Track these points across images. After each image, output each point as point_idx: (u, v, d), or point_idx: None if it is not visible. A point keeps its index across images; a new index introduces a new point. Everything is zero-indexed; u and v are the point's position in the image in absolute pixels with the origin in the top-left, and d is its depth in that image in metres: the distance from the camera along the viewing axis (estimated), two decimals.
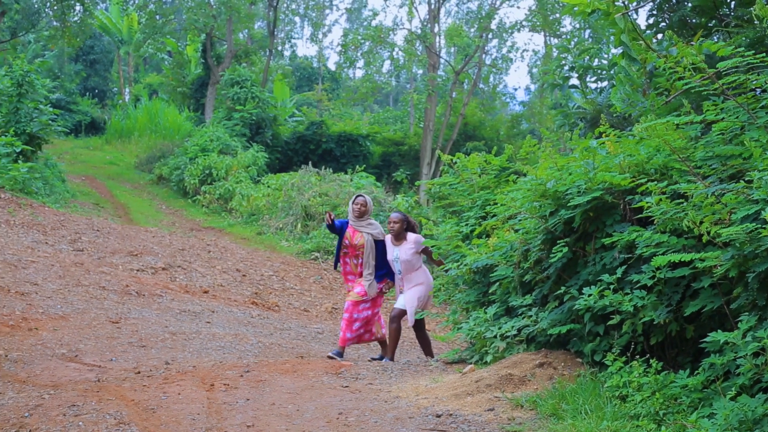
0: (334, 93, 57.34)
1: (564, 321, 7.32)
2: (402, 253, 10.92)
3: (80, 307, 11.68)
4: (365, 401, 7.28)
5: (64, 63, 55.96)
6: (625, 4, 8.62)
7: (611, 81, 16.55)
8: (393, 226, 11.01)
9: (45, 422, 6.55)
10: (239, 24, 41.29)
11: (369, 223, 11.30)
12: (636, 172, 7.13)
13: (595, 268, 7.13)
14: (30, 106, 23.62)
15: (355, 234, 11.19)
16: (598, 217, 7.29)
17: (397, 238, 11.01)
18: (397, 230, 10.96)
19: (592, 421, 5.90)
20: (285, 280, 17.55)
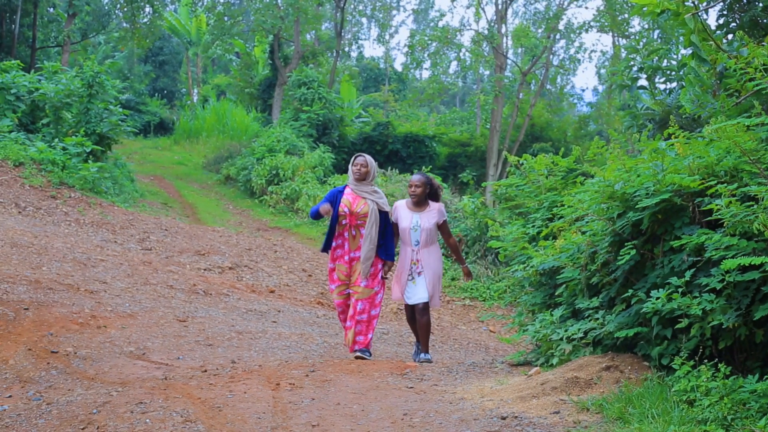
0: (400, 94, 57.33)
1: (631, 324, 7.25)
2: (424, 220, 10.00)
3: (148, 306, 11.79)
4: (430, 402, 7.26)
5: (133, 64, 56.60)
6: (695, 4, 8.52)
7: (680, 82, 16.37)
8: (415, 189, 9.99)
9: (113, 419, 6.61)
10: (307, 25, 41.45)
11: (374, 190, 10.11)
12: (705, 174, 7.04)
13: (663, 271, 7.05)
14: (100, 106, 23.88)
15: (357, 200, 9.94)
16: (666, 219, 7.21)
17: (418, 204, 10.04)
18: (419, 195, 9.99)
19: (659, 425, 5.83)
20: None
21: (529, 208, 11.04)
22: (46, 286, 11.36)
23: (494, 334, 14.71)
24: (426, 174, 10.33)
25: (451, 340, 13.51)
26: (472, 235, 18.99)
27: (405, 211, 10.15)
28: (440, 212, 10.10)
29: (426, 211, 10.05)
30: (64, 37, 41.61)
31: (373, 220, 9.92)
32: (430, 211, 10.07)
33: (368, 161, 10.12)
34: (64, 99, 23.69)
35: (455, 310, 16.60)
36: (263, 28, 39.53)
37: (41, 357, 8.81)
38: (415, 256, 10.07)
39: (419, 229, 10.01)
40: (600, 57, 56.00)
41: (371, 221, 9.91)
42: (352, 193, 10.03)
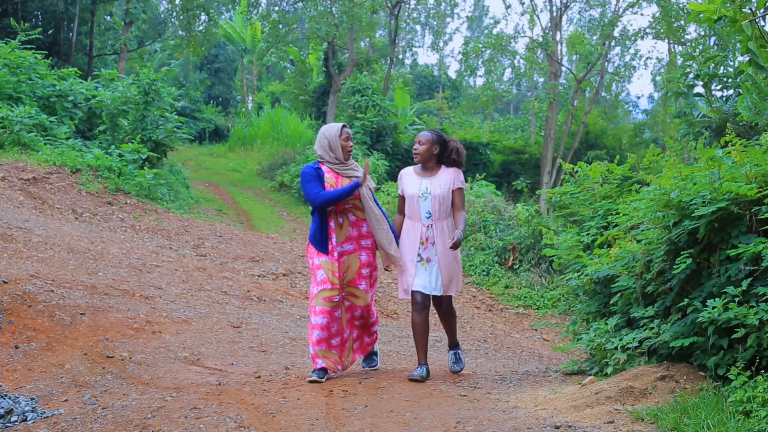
0: (454, 101, 57.27)
1: (687, 334, 7.18)
2: (435, 186, 8.49)
3: (202, 312, 11.86)
4: (483, 411, 7.24)
5: (189, 72, 57.07)
6: (752, 11, 8.43)
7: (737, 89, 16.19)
8: (417, 147, 8.55)
9: (167, 424, 6.65)
10: (361, 33, 41.50)
11: (356, 166, 8.62)
12: (763, 182, 6.96)
13: (719, 280, 6.98)
14: (156, 114, 24.07)
15: (341, 180, 8.40)
16: (723, 227, 7.14)
17: (426, 166, 8.58)
18: (423, 154, 8.54)
19: None
20: None
21: (584, 216, 10.97)
22: (102, 291, 11.47)
23: (548, 343, 14.64)
24: (438, 131, 8.74)
25: (504, 348, 13.46)
26: (526, 243, 18.92)
27: (411, 176, 8.68)
28: (455, 177, 8.54)
29: (437, 175, 8.54)
30: (121, 44, 42.01)
31: (369, 195, 8.45)
32: (443, 174, 8.55)
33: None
34: (120, 106, 23.91)
35: (509, 318, 16.54)
36: (318, 35, 39.63)
37: (97, 361, 8.90)
38: (427, 233, 8.51)
39: (429, 197, 8.45)
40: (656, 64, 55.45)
41: (369, 201, 8.42)
42: (332, 172, 8.40)
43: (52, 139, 21.81)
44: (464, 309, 15.97)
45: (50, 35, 40.79)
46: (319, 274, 8.35)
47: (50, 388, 8.18)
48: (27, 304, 10.05)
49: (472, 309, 16.50)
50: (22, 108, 21.60)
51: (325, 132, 8.55)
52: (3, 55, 23.19)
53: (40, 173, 19.02)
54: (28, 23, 34.28)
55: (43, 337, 9.46)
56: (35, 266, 12.10)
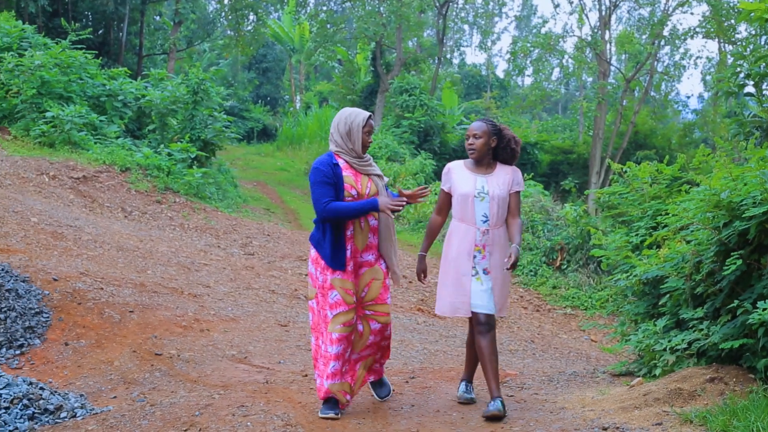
0: (502, 101, 57.14)
1: (736, 335, 7.11)
2: (493, 185, 7.20)
3: (250, 310, 11.89)
4: (530, 411, 7.21)
5: (237, 71, 57.37)
6: None
7: None
8: (473, 141, 7.23)
9: (215, 421, 6.68)
10: (408, 32, 41.51)
11: (372, 163, 7.28)
12: None
13: None
14: (205, 113, 24.20)
15: (360, 178, 7.06)
16: None
17: (481, 162, 7.30)
18: (480, 148, 7.22)
19: None
20: None
21: (633, 217, 10.88)
22: (151, 289, 11.54)
23: (596, 344, 14.55)
24: (491, 120, 7.48)
25: (551, 349, 13.40)
26: (574, 243, 18.83)
27: (463, 172, 7.34)
28: (515, 176, 7.30)
29: (494, 172, 7.29)
30: (170, 44, 42.33)
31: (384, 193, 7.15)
32: (501, 172, 7.30)
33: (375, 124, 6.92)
34: (169, 106, 24.07)
35: (556, 319, 16.47)
36: (365, 35, 39.68)
37: (145, 359, 8.96)
38: (483, 239, 7.15)
39: (487, 197, 7.15)
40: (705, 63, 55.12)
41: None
42: (350, 168, 7.05)
43: (102, 138, 21.99)
44: (512, 309, 15.90)
45: (100, 35, 41.18)
46: (332, 295, 6.90)
47: (99, 384, 8.24)
48: (77, 302, 10.13)
49: (519, 309, 16.44)
50: (72, 107, 21.79)
51: (347, 117, 7.09)
52: (54, 55, 23.40)
53: (90, 172, 19.18)
54: (79, 23, 34.59)
55: (92, 335, 9.54)
56: (85, 264, 12.20)
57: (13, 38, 24.54)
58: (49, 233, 13.50)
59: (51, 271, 10.91)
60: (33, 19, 35.75)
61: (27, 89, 21.77)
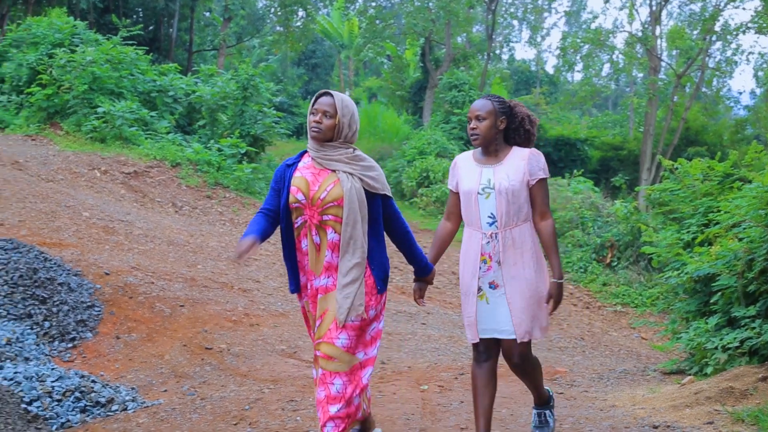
0: (551, 96, 56.87)
1: None
2: (501, 176, 5.69)
3: (299, 305, 11.92)
4: (580, 408, 7.19)
5: (287, 67, 57.53)
6: None
7: None
8: (477, 125, 5.75)
9: (264, 415, 6.72)
10: (458, 28, 41.42)
11: (354, 156, 5.49)
12: None
13: None
14: (254, 109, 24.29)
15: (320, 176, 5.38)
16: None
17: (488, 150, 5.81)
18: (484, 132, 5.72)
19: None
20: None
21: (684, 214, 10.80)
22: (201, 284, 11.61)
23: (646, 342, 14.46)
24: (499, 96, 5.91)
25: (602, 347, 13.33)
26: (624, 240, 18.71)
27: (468, 165, 5.91)
28: (532, 161, 5.71)
29: (504, 161, 5.76)
30: (220, 40, 42.60)
31: (351, 210, 5.22)
32: (512, 160, 5.75)
33: (337, 102, 5.40)
34: (219, 101, 24.19)
35: (606, 316, 16.38)
36: (414, 31, 39.66)
37: (196, 353, 9.02)
38: (488, 246, 5.71)
39: (493, 193, 5.68)
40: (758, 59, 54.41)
41: (350, 212, 5.22)
42: (312, 164, 5.45)
43: (153, 134, 22.14)
44: (561, 306, 15.81)
45: (151, 31, 41.49)
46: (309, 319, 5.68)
47: (150, 378, 8.31)
48: (128, 296, 10.21)
49: (569, 306, 16.37)
50: (123, 103, 21.96)
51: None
52: (105, 51, 23.58)
53: (141, 167, 19.32)
54: (129, 20, 34.92)
55: (143, 328, 9.62)
56: (136, 258, 12.30)
57: (65, 34, 24.75)
58: (101, 228, 13.62)
59: (103, 265, 11.01)
60: (84, 15, 36.12)
61: (79, 85, 21.95)
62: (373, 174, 5.41)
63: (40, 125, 21.83)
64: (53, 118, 22.33)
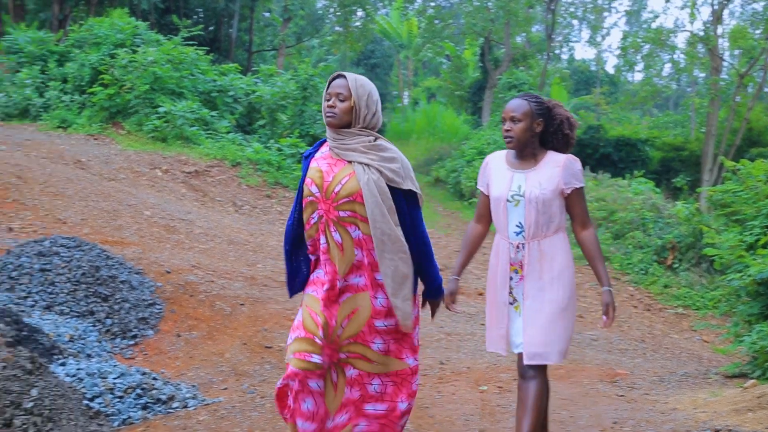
0: (612, 97, 56.45)
1: None
2: (532, 183, 5.36)
3: None
4: (640, 411, 7.14)
5: (346, 67, 57.58)
6: None
7: None
8: (511, 127, 5.40)
9: None
10: (517, 28, 41.27)
11: (372, 144, 4.89)
12: None
13: None
14: (314, 108, 24.41)
15: (335, 168, 4.89)
16: None
17: (522, 153, 5.47)
18: (519, 135, 5.37)
19: None
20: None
21: (747, 215, 10.68)
22: (261, 282, 11.67)
23: (708, 344, 14.31)
24: (537, 95, 5.58)
25: (662, 349, 13.22)
26: (685, 241, 18.53)
27: (500, 167, 5.57)
28: (567, 169, 5.35)
29: (538, 167, 5.40)
30: (279, 41, 42.82)
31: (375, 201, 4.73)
32: (545, 166, 5.39)
33: (350, 82, 4.86)
34: (279, 101, 24.33)
35: (667, 318, 16.23)
36: (474, 31, 39.58)
37: (255, 351, 9.06)
38: (518, 256, 5.44)
39: (522, 201, 5.36)
40: None
41: (374, 206, 4.72)
42: (329, 154, 4.96)
43: (213, 133, 22.31)
44: (622, 308, 15.70)
45: (211, 32, 41.78)
46: (297, 315, 5.18)
47: (210, 376, 8.36)
48: (189, 294, 10.29)
49: (629, 308, 16.24)
50: (184, 103, 22.16)
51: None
52: (166, 51, 23.78)
53: (202, 166, 19.46)
54: (190, 20, 35.23)
55: (204, 326, 9.68)
56: (197, 257, 12.39)
57: (126, 35, 25.00)
58: (162, 226, 13.74)
59: (164, 264, 11.10)
60: (146, 15, 36.44)
61: (140, 85, 22.16)
62: (393, 166, 4.84)
63: (103, 125, 22.07)
64: (115, 118, 22.57)
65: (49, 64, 25.01)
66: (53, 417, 5.55)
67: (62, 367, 7.15)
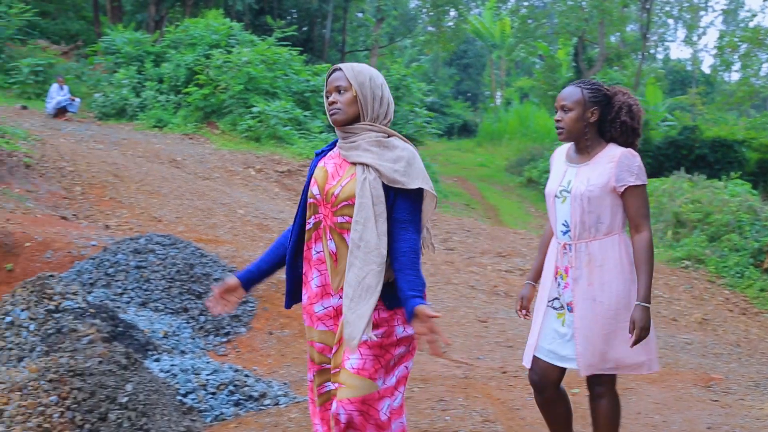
0: (708, 97, 55.66)
1: None
2: (581, 179, 4.77)
3: (450, 305, 11.91)
4: (735, 417, 7.01)
5: (438, 67, 57.72)
6: None
7: None
8: (560, 118, 4.84)
9: (414, 414, 6.72)
10: (611, 27, 40.96)
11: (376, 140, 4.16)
12: None
13: None
14: (406, 109, 24.49)
15: (339, 170, 4.24)
16: None
17: (578, 146, 4.88)
18: (572, 127, 4.79)
19: None
20: (654, 287, 17.14)
21: None
22: None
23: None
24: (595, 82, 4.98)
25: (758, 354, 12.98)
26: None
27: (559, 161, 5.05)
28: (621, 164, 4.68)
29: (592, 161, 4.81)
30: (372, 41, 43.02)
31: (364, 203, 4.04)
32: (600, 160, 4.77)
33: (347, 72, 4.17)
34: None
35: (764, 323, 15.92)
36: (567, 30, 39.37)
37: None
38: (563, 258, 4.86)
39: (569, 197, 4.80)
40: None
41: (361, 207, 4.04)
42: (338, 154, 4.30)
43: (306, 133, 22.47)
44: (716, 311, 15.45)
45: (305, 32, 42.09)
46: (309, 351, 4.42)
47: (302, 373, 8.39)
48: (281, 292, 10.34)
49: (724, 312, 15.96)
50: (277, 103, 22.37)
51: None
52: (260, 51, 24.02)
53: (295, 166, 19.59)
54: (284, 21, 35.48)
55: (295, 324, 9.72)
56: None
57: (221, 35, 25.33)
58: (255, 225, 13.85)
59: None
60: (240, 16, 36.86)
61: (234, 85, 22.42)
62: (396, 165, 4.08)
63: (197, 124, 22.39)
64: (209, 118, 22.87)
65: (146, 64, 25.47)
66: (147, 412, 5.63)
67: (156, 363, 7.25)
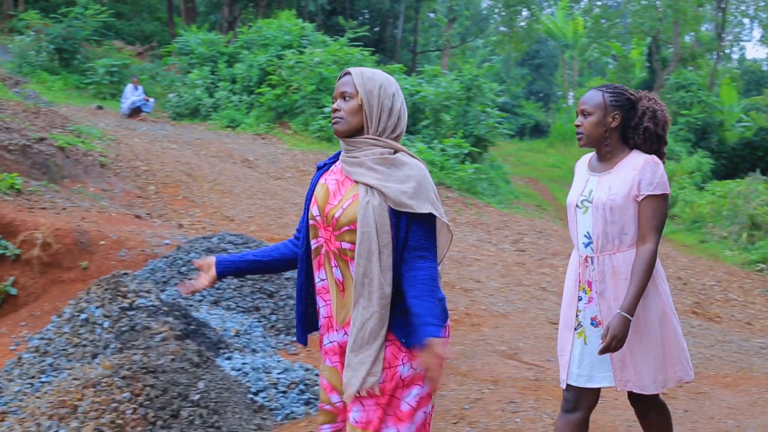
0: None
1: None
2: (602, 189, 4.57)
3: (520, 306, 11.87)
4: None
5: (510, 67, 57.54)
6: None
7: None
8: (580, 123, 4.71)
9: (484, 416, 6.71)
10: (686, 26, 40.50)
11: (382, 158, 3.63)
12: None
13: None
14: (478, 109, 24.40)
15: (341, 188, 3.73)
16: None
17: (600, 153, 4.71)
18: (592, 132, 4.63)
19: None
20: (728, 290, 16.84)
21: None
22: None
23: None
24: (616, 85, 4.83)
25: None
26: None
27: (581, 169, 4.86)
28: (644, 173, 4.49)
29: (615, 169, 4.61)
30: (444, 41, 43.03)
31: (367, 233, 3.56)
32: (623, 169, 4.56)
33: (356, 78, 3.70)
34: (443, 101, 24.39)
35: None
36: (641, 30, 39.03)
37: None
38: (587, 272, 4.61)
39: (590, 208, 4.59)
40: None
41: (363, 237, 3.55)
42: (340, 169, 3.80)
43: None
44: None
45: (376, 33, 42.21)
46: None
47: None
48: None
49: None
50: None
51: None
52: (332, 52, 24.11)
53: None
54: (356, 21, 35.62)
55: None
56: None
57: (293, 36, 25.47)
58: None
59: None
60: (312, 17, 37.08)
61: (306, 85, 22.54)
62: (404, 187, 3.58)
63: (270, 124, 22.53)
64: (282, 118, 23.00)
65: (219, 65, 25.70)
66: (219, 409, 5.67)
67: (228, 361, 7.30)
